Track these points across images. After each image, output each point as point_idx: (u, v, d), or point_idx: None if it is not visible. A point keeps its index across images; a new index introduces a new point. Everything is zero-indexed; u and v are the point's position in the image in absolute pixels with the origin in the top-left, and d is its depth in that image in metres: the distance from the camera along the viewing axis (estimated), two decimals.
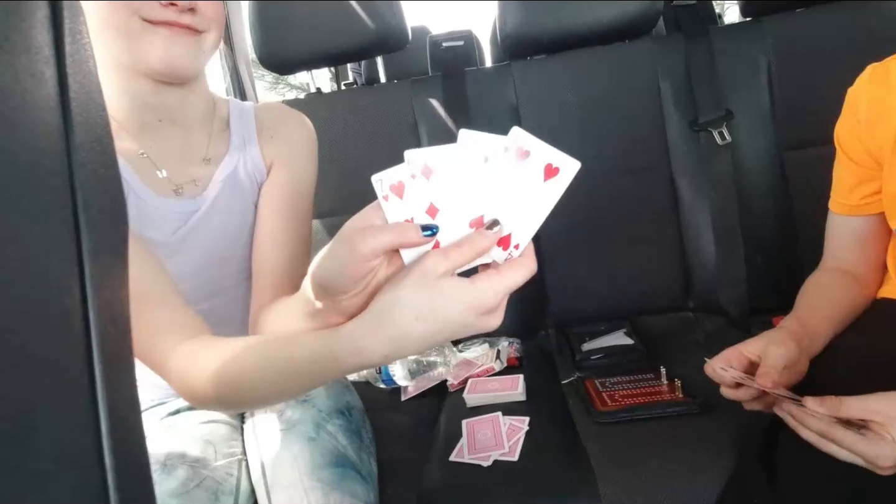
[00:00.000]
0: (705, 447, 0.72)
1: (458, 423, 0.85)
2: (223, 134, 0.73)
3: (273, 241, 0.70)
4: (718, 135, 1.09)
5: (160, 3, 0.57)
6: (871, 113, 0.67)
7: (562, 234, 1.14)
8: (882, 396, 0.51)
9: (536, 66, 1.19)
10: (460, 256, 0.40)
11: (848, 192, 0.73)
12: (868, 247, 0.74)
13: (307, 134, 0.78)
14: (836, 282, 0.74)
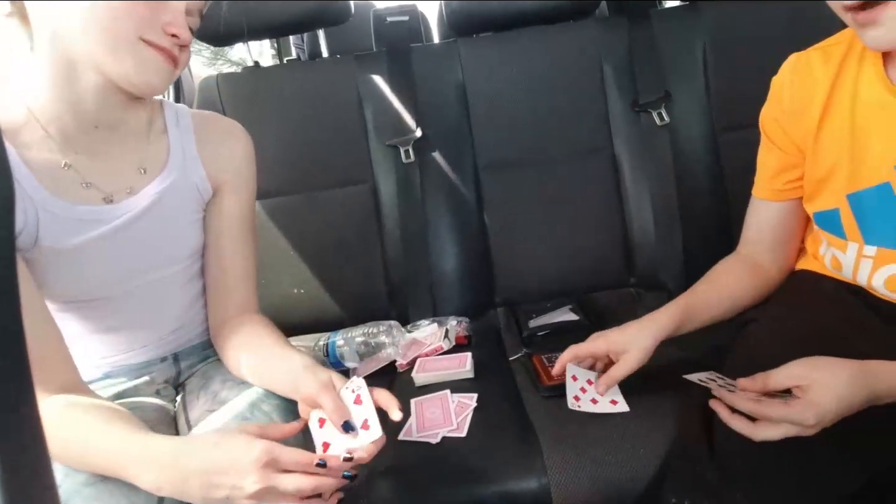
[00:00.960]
0: (648, 417, 0.75)
1: (407, 403, 0.85)
2: (161, 140, 0.73)
3: (227, 260, 0.76)
4: (658, 116, 1.12)
5: (163, 33, 0.61)
6: (793, 102, 0.69)
7: (508, 213, 1.15)
8: (801, 362, 0.55)
9: (483, 43, 1.18)
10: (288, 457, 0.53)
11: (771, 178, 0.76)
12: (784, 231, 0.77)
13: (250, 151, 0.80)
14: (739, 271, 0.79)
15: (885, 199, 0.61)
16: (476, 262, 1.15)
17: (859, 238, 0.65)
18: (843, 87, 0.64)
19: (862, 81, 0.62)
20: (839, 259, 0.69)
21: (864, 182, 0.63)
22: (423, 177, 1.13)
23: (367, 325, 1.04)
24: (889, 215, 0.61)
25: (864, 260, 0.65)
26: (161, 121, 0.74)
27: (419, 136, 1.12)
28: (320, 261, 1.15)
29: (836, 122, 0.65)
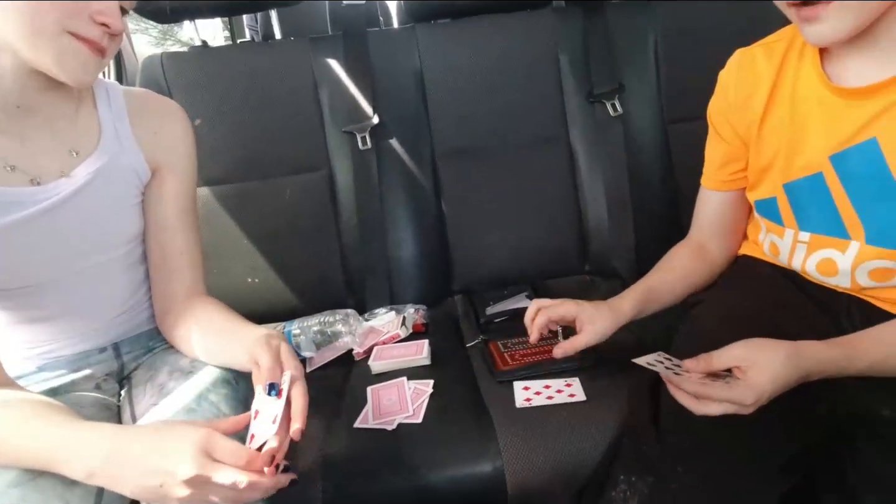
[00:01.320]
0: (601, 401, 0.77)
1: (364, 391, 0.85)
2: (91, 120, 0.69)
3: (169, 244, 0.74)
4: (611, 107, 1.14)
5: (92, 22, 0.57)
6: (738, 96, 0.72)
7: (465, 201, 1.16)
8: (742, 344, 0.58)
9: (441, 30, 1.17)
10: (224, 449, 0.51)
11: (718, 169, 0.79)
12: (730, 219, 0.81)
13: (189, 131, 0.78)
14: (690, 257, 0.82)
15: (818, 189, 0.65)
16: (433, 249, 1.15)
17: (795, 225, 0.69)
18: (785, 82, 0.67)
19: (801, 77, 0.65)
20: (777, 245, 0.72)
21: (800, 172, 0.66)
22: (380, 164, 1.12)
23: (324, 314, 1.03)
24: (821, 203, 0.65)
25: (800, 245, 0.69)
26: (91, 100, 0.70)
27: (376, 122, 1.11)
28: (275, 249, 1.12)
29: (777, 116, 0.68)
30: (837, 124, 0.62)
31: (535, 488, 0.70)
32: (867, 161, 0.60)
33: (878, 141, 0.59)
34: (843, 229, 0.64)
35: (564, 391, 0.78)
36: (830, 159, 0.63)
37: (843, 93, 0.61)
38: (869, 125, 0.60)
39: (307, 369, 0.98)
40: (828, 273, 0.67)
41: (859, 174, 0.61)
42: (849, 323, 0.67)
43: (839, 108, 0.62)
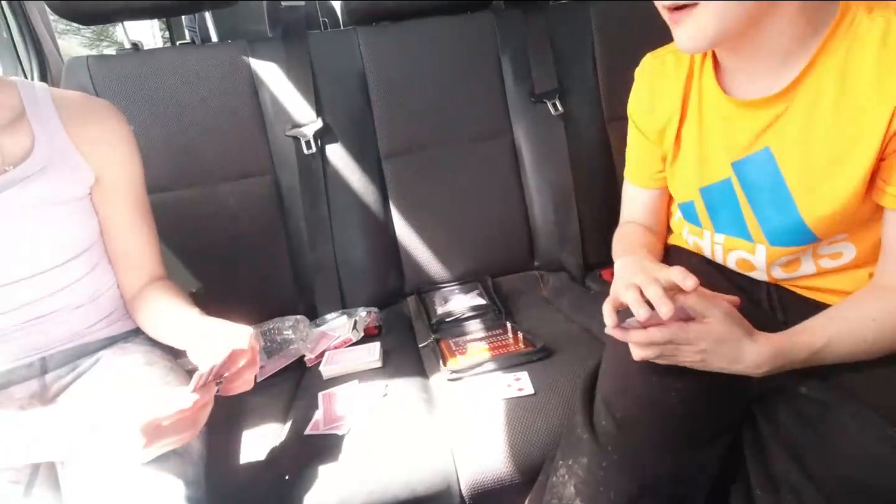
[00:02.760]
0: (547, 392, 0.79)
1: (315, 397, 0.84)
2: (20, 128, 0.68)
3: (123, 240, 0.78)
4: (552, 106, 1.17)
5: None
6: (650, 100, 0.74)
7: (413, 201, 1.16)
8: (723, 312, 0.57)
9: (383, 32, 1.17)
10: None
11: (642, 166, 0.80)
12: (658, 209, 0.83)
13: (124, 127, 0.78)
14: (638, 231, 0.83)
15: (727, 194, 0.68)
16: (383, 251, 1.15)
17: (711, 227, 0.72)
18: (693, 89, 0.69)
19: (704, 87, 0.68)
20: (699, 244, 0.76)
21: (711, 177, 0.69)
22: (325, 167, 1.11)
23: (273, 321, 1.01)
24: (730, 208, 0.68)
25: (717, 245, 0.73)
26: (19, 105, 0.68)
27: (320, 126, 1.10)
28: (219, 258, 1.09)
29: (690, 122, 0.70)
30: (736, 134, 0.64)
31: (487, 483, 0.71)
32: (763, 168, 0.63)
33: (770, 150, 0.62)
34: (748, 233, 0.67)
35: (514, 385, 0.80)
36: (732, 166, 0.66)
37: (737, 103, 0.64)
38: (762, 134, 0.62)
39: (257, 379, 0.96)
40: (746, 269, 0.71)
41: (757, 181, 0.64)
42: (770, 308, 0.71)
43: (736, 118, 0.64)
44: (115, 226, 0.77)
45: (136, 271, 0.79)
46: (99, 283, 0.77)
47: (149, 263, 0.80)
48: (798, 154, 0.60)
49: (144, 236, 0.80)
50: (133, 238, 0.79)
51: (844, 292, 0.65)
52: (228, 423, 0.80)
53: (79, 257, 0.74)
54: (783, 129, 0.61)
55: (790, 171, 0.62)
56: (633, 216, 0.85)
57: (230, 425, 0.80)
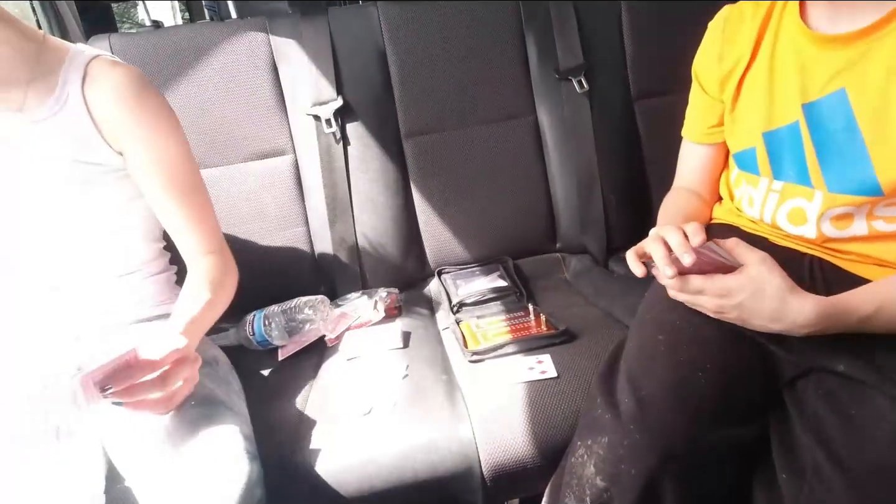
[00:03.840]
0: (569, 375, 0.78)
1: (336, 377, 0.84)
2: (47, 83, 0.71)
3: (163, 215, 0.78)
4: (577, 83, 1.14)
5: None
6: (724, 48, 0.73)
7: (434, 181, 1.15)
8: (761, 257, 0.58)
9: (404, 8, 1.14)
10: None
11: (698, 122, 0.80)
12: (710, 170, 0.83)
13: (148, 98, 0.75)
14: (684, 198, 0.83)
15: (794, 138, 0.66)
16: (404, 231, 1.14)
17: (770, 174, 0.70)
18: (768, 34, 0.68)
19: (783, 27, 0.67)
20: (753, 196, 0.74)
21: (778, 121, 0.68)
22: (345, 146, 1.10)
23: (294, 301, 1.01)
24: (796, 152, 0.66)
25: (772, 194, 0.71)
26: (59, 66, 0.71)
27: (340, 104, 1.08)
28: (240, 238, 1.10)
29: (760, 66, 0.69)
30: (811, 73, 0.63)
31: (508, 465, 0.71)
32: (836, 112, 0.62)
33: (846, 91, 0.61)
34: (809, 180, 0.66)
35: (535, 368, 0.79)
36: (802, 108, 0.64)
37: (817, 40, 0.62)
38: (839, 74, 0.61)
39: (279, 358, 0.97)
40: (797, 222, 0.69)
41: (828, 125, 0.63)
42: (811, 283, 0.69)
43: (813, 58, 0.63)
44: (155, 204, 0.77)
45: (183, 248, 0.79)
46: (129, 259, 0.79)
47: (186, 236, 0.78)
48: (876, 99, 0.59)
49: (181, 210, 0.77)
50: (171, 217, 0.77)
51: (893, 266, 0.63)
52: (248, 403, 0.81)
53: (98, 229, 0.75)
54: (863, 71, 0.59)
55: (865, 118, 0.60)
56: (684, 175, 0.85)
57: (250, 404, 0.81)
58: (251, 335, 0.99)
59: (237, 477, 0.59)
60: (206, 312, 0.71)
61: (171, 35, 1.07)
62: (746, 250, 0.58)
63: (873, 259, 0.65)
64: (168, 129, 0.76)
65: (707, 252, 0.57)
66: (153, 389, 0.57)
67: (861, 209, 0.63)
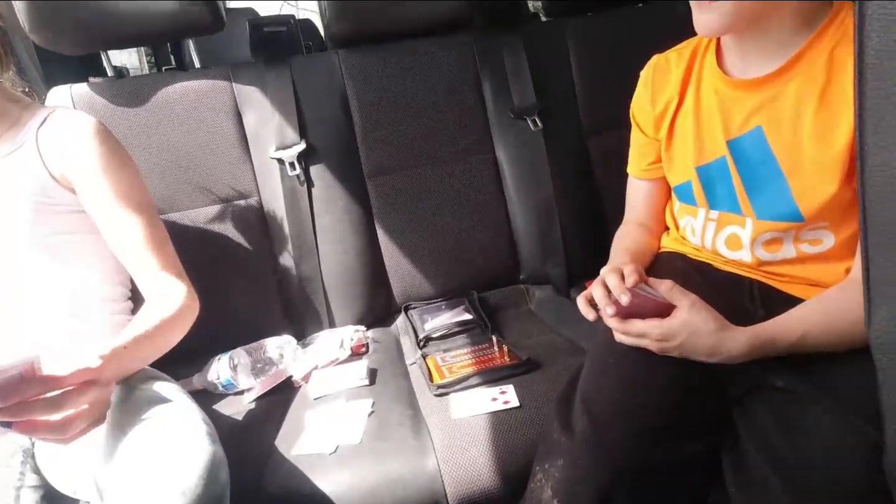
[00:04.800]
0: (532, 404, 0.80)
1: (302, 416, 0.84)
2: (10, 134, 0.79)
3: (107, 236, 0.80)
4: (532, 122, 1.20)
5: None
6: (655, 93, 0.80)
7: (398, 218, 1.17)
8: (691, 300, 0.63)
9: (364, 53, 1.19)
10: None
11: (639, 159, 0.87)
12: (655, 202, 0.89)
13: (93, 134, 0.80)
14: (633, 232, 0.89)
15: (723, 171, 0.72)
16: (370, 269, 1.16)
17: (706, 204, 0.76)
18: (692, 79, 0.76)
19: (704, 72, 0.74)
20: (693, 226, 0.80)
21: (708, 157, 0.74)
22: (310, 187, 1.12)
23: (261, 343, 1.02)
24: (726, 184, 0.72)
25: (710, 223, 0.76)
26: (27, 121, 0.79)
27: (304, 147, 1.11)
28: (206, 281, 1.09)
29: (687, 108, 0.76)
30: (731, 113, 0.70)
31: (475, 496, 0.72)
32: (755, 147, 0.68)
33: (762, 129, 0.67)
34: (739, 208, 0.72)
35: (499, 399, 0.81)
36: (727, 144, 0.71)
37: (733, 84, 0.70)
38: (754, 114, 0.67)
39: (246, 401, 0.96)
40: (734, 248, 0.74)
41: (750, 159, 0.69)
42: (751, 303, 0.73)
43: (732, 99, 0.70)
44: (108, 233, 0.79)
45: (139, 274, 0.79)
46: (82, 297, 0.80)
47: (148, 265, 0.78)
48: (788, 135, 0.65)
49: (137, 240, 0.78)
50: (125, 244, 0.78)
51: (823, 285, 0.68)
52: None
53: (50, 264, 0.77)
54: (774, 110, 0.66)
55: (780, 152, 0.66)
56: (632, 208, 0.91)
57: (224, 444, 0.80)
58: (216, 379, 0.98)
59: (198, 455, 0.57)
60: (142, 343, 0.66)
61: (133, 84, 1.09)
62: (680, 294, 0.63)
63: (804, 279, 0.70)
64: (120, 162, 0.81)
65: (642, 292, 0.63)
66: (47, 410, 0.50)
67: (787, 234, 0.68)
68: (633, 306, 0.62)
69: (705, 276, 0.78)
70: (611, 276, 0.64)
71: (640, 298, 0.63)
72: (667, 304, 0.63)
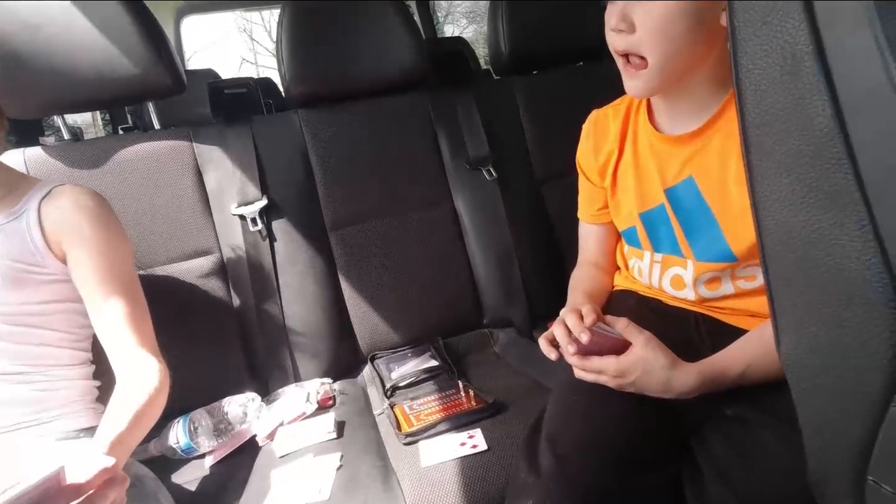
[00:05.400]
0: (500, 446, 0.81)
1: (268, 476, 0.82)
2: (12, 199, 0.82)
3: (90, 310, 0.81)
4: (487, 172, 1.26)
5: None
6: (596, 146, 0.87)
7: (361, 270, 1.19)
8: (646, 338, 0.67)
9: (323, 111, 1.24)
10: None
11: (587, 206, 0.93)
12: (606, 244, 0.94)
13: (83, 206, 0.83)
14: (588, 273, 0.93)
15: (663, 217, 0.78)
16: (334, 322, 1.16)
17: (650, 248, 0.82)
18: (629, 133, 0.82)
19: (639, 127, 0.81)
20: (640, 267, 0.85)
21: (649, 204, 0.80)
22: (272, 243, 1.13)
23: (222, 402, 0.99)
24: (667, 229, 0.78)
25: (655, 265, 0.81)
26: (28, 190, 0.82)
27: (265, 203, 1.13)
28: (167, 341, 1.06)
29: (626, 160, 0.82)
30: (665, 165, 0.76)
31: None
32: (689, 195, 0.74)
33: (693, 178, 0.73)
34: (680, 251, 0.77)
35: (467, 443, 0.81)
36: (665, 193, 0.77)
37: (664, 140, 0.76)
38: (686, 165, 0.74)
39: (208, 464, 0.93)
40: (678, 287, 0.79)
41: (685, 206, 0.75)
42: (698, 337, 0.78)
43: (665, 152, 0.76)
44: (91, 305, 0.80)
45: (116, 352, 0.78)
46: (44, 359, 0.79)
47: (128, 344, 0.78)
48: (716, 184, 0.71)
49: (118, 316, 0.79)
50: (105, 318, 0.79)
51: (762, 315, 0.72)
52: None
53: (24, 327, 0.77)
54: (703, 162, 0.72)
55: (711, 199, 0.72)
56: (585, 250, 0.96)
57: None
58: (175, 443, 0.94)
59: None
60: (135, 427, 0.69)
61: (91, 147, 1.10)
62: (635, 331, 0.67)
63: (744, 311, 0.75)
64: (118, 241, 0.84)
65: (600, 331, 0.67)
66: None
67: (725, 273, 0.74)
68: (592, 344, 0.66)
69: (656, 312, 0.83)
70: (570, 317, 0.68)
71: (599, 336, 0.66)
72: (623, 342, 0.67)
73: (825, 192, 0.33)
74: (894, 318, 0.31)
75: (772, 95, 0.35)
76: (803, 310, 0.38)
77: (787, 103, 0.34)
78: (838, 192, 0.32)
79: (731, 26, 0.36)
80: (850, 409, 0.37)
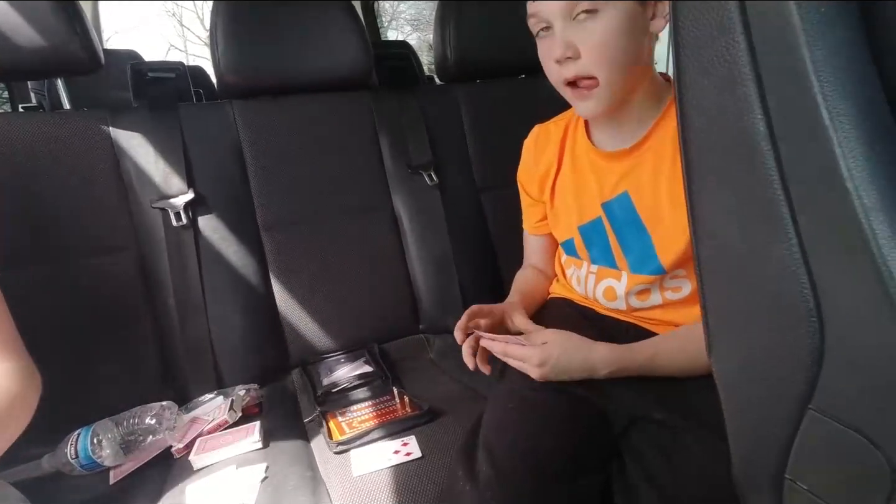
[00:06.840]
0: (434, 454, 0.79)
1: (183, 491, 0.75)
2: None
3: None
4: (428, 177, 1.25)
5: None
6: (537, 160, 0.89)
7: (294, 272, 1.14)
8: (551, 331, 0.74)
9: (259, 107, 1.18)
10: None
11: (530, 217, 0.96)
12: (548, 252, 0.98)
13: None
14: (530, 275, 0.97)
15: (600, 230, 0.81)
16: (264, 325, 1.10)
17: (588, 258, 0.84)
18: (568, 148, 0.85)
19: (577, 143, 0.83)
20: (578, 276, 0.87)
21: (587, 217, 0.82)
22: (198, 239, 1.06)
23: (132, 412, 0.90)
24: (603, 241, 0.81)
25: (591, 275, 0.84)
26: None
27: (191, 197, 1.06)
28: (74, 344, 0.97)
29: (566, 173, 0.85)
30: (602, 180, 0.79)
31: None
32: (624, 209, 0.77)
33: (628, 193, 0.76)
34: (615, 263, 0.80)
35: (401, 451, 0.79)
36: (602, 207, 0.80)
37: (602, 155, 0.79)
38: (621, 180, 0.77)
39: (111, 481, 0.84)
40: (610, 298, 0.82)
41: (621, 219, 0.78)
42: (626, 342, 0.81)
43: (602, 167, 0.79)
44: None
45: None
46: None
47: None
48: (649, 199, 0.74)
49: None
50: None
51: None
52: None
53: None
54: (637, 177, 0.75)
55: (644, 213, 0.75)
56: (528, 257, 1.00)
57: None
58: (73, 457, 0.85)
59: None
60: None
61: None
62: (542, 330, 0.74)
63: (669, 322, 0.79)
64: None
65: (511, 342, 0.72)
66: None
67: (654, 284, 0.77)
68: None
69: (589, 319, 0.86)
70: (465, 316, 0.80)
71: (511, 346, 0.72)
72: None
73: (759, 206, 0.34)
74: (814, 327, 0.33)
75: (710, 112, 0.37)
76: (736, 319, 0.40)
77: (725, 121, 0.35)
78: (770, 206, 0.33)
79: (674, 44, 0.38)
80: (773, 413, 0.39)
